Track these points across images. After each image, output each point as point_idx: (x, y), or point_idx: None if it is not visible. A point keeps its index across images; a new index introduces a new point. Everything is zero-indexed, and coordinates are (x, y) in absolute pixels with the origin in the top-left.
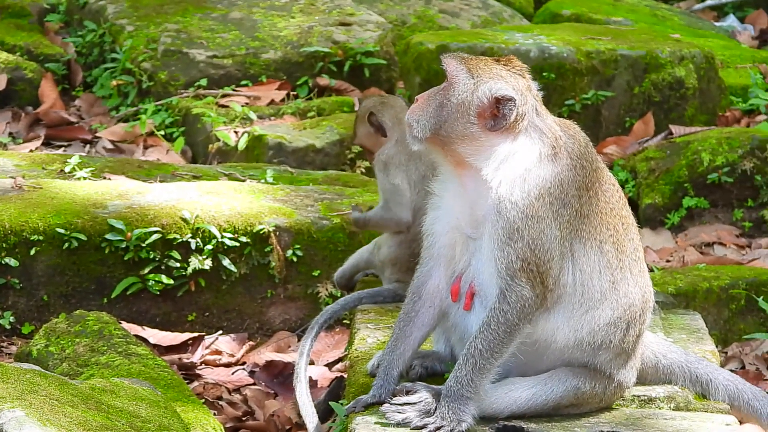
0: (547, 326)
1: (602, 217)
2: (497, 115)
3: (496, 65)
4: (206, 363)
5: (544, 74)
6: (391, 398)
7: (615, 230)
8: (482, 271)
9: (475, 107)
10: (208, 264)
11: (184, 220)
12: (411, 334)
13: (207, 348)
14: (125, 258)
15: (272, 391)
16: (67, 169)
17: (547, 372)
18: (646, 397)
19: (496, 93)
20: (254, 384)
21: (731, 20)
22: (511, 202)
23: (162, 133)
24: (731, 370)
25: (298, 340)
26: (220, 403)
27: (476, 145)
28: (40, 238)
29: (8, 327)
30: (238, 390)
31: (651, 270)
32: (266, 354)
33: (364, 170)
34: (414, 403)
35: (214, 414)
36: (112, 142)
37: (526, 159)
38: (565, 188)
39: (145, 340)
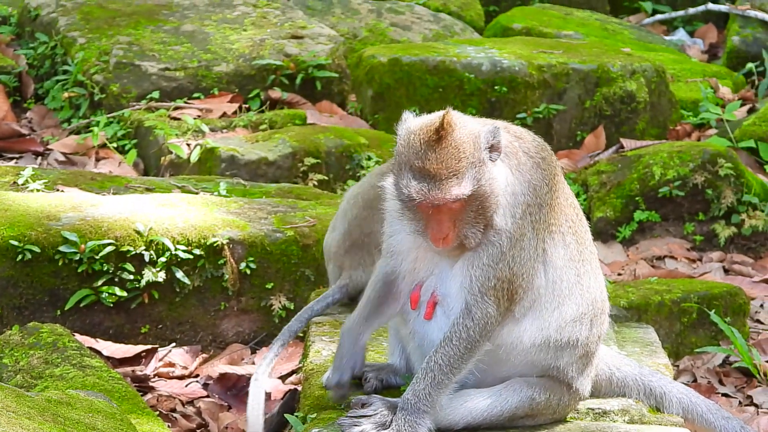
0: (515, 329)
1: (561, 208)
2: (492, 149)
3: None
4: (160, 375)
5: (496, 88)
6: (348, 410)
7: (573, 222)
8: (448, 283)
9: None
10: (161, 276)
11: (138, 232)
12: (381, 313)
13: (160, 360)
14: (79, 270)
15: (226, 404)
16: (20, 182)
17: (503, 383)
18: (600, 410)
19: (489, 141)
20: (208, 396)
21: (681, 34)
22: (502, 230)
23: (114, 145)
24: (683, 384)
25: (252, 353)
26: (174, 415)
27: None
28: None
29: None
30: (191, 402)
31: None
32: (220, 366)
33: (316, 183)
34: (370, 416)
35: (169, 426)
36: (64, 154)
37: (500, 176)
38: (538, 191)
39: (98, 353)
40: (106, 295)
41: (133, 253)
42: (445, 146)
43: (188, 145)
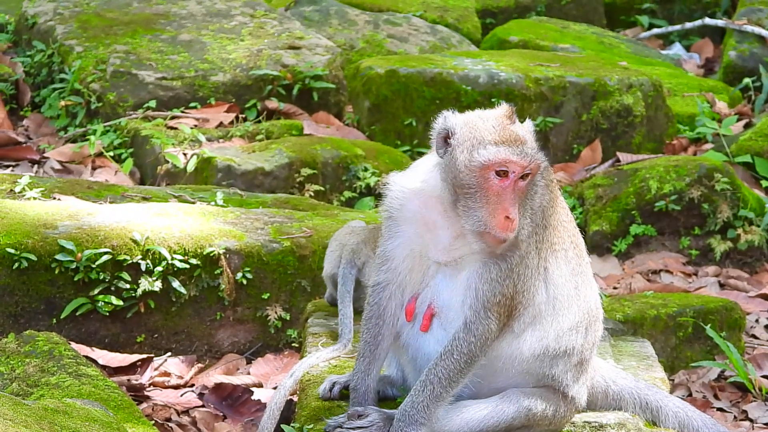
0: (514, 341)
1: (564, 225)
2: None
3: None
4: (155, 385)
5: (493, 100)
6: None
7: (573, 236)
8: (447, 295)
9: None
10: (157, 285)
11: (135, 241)
12: (380, 356)
13: (156, 369)
14: (75, 279)
15: (221, 414)
16: (17, 189)
17: (499, 394)
18: (597, 424)
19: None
20: (203, 406)
21: (677, 48)
22: (514, 246)
23: (111, 154)
24: (679, 398)
25: (247, 363)
26: (170, 424)
27: None
28: None
29: None
30: (187, 412)
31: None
32: (215, 376)
33: (312, 194)
34: (365, 427)
35: None
36: (60, 162)
37: None
38: (545, 212)
39: (94, 361)
40: (102, 303)
41: (130, 262)
42: (517, 125)
43: (185, 154)
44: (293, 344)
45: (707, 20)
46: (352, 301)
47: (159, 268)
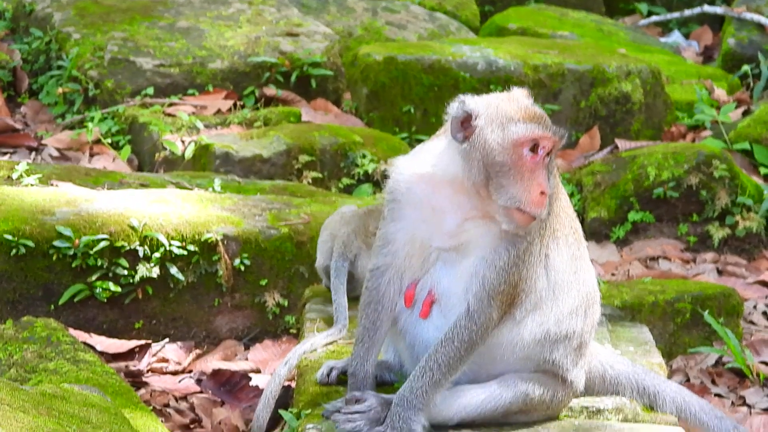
0: (515, 328)
1: (566, 211)
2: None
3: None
4: (153, 371)
5: (492, 87)
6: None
7: (572, 220)
8: (448, 282)
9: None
10: (155, 272)
11: (132, 227)
12: (378, 342)
13: (154, 356)
14: (73, 265)
15: (219, 399)
16: (14, 176)
17: (497, 379)
18: (594, 408)
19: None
20: (201, 392)
21: (676, 36)
22: (522, 235)
23: (108, 141)
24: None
25: (245, 349)
26: (168, 410)
27: None
28: None
29: None
30: (185, 398)
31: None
32: (213, 362)
33: (310, 180)
34: (363, 412)
35: (162, 421)
36: (57, 149)
37: None
38: (550, 198)
39: (92, 347)
40: (100, 290)
41: (128, 248)
42: (536, 106)
43: (183, 141)
44: (291, 330)
45: (706, 8)
46: (346, 291)
47: (157, 255)
